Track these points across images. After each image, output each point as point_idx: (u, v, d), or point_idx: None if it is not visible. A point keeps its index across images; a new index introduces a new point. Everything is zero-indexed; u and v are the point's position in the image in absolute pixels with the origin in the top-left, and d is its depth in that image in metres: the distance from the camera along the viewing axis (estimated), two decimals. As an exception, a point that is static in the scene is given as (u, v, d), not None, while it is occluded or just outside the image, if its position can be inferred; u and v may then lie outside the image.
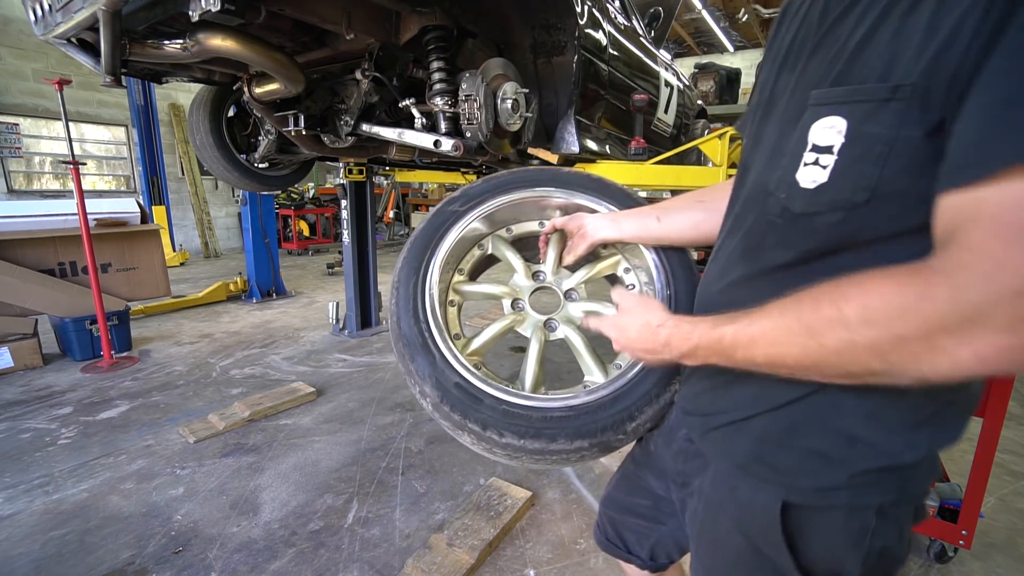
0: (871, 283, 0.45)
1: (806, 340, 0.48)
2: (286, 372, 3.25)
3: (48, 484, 2.03)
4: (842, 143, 0.49)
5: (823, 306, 0.47)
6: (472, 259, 1.12)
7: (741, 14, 9.66)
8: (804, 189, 0.53)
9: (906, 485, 0.56)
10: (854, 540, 0.57)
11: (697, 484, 0.73)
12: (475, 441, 0.88)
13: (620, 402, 0.88)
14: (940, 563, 1.65)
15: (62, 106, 3.06)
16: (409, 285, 0.98)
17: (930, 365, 0.42)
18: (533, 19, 1.98)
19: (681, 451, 0.78)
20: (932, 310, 0.40)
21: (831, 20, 0.54)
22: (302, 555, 1.66)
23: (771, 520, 0.59)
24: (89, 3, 1.28)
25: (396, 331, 0.95)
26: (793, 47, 0.60)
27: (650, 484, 0.88)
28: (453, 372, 0.90)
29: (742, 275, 0.63)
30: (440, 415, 0.89)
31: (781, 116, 0.59)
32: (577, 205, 1.07)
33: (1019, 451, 2.33)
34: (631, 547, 0.92)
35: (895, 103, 0.45)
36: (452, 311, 1.08)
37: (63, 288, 3.27)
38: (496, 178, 1.10)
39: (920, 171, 0.46)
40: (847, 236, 0.52)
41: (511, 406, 0.87)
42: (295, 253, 8.72)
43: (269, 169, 2.76)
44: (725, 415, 0.65)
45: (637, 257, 1.03)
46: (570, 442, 0.85)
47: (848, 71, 0.50)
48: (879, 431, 0.54)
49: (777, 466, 0.59)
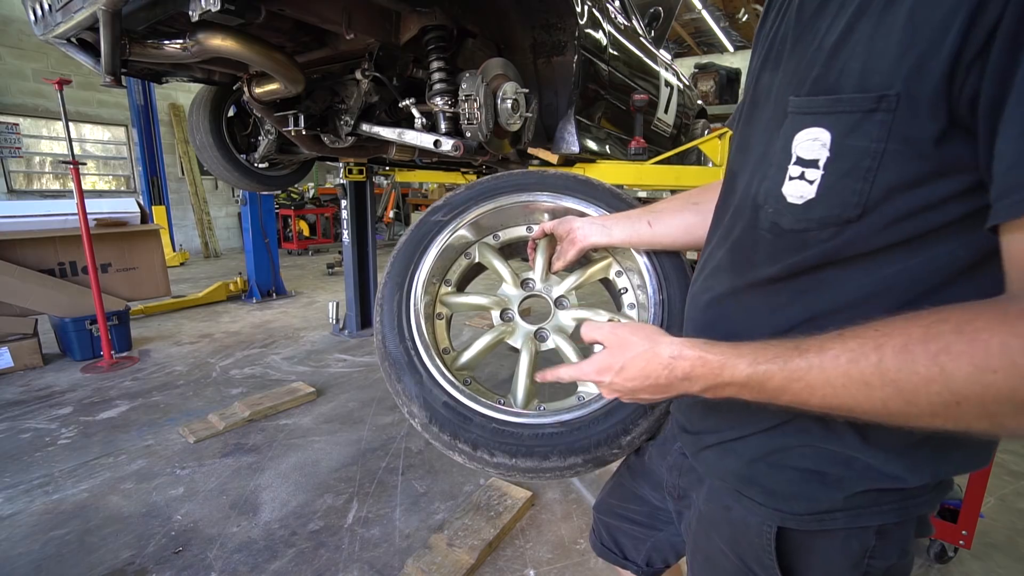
0: (982, 331, 0.37)
1: (889, 396, 0.41)
2: (286, 372, 3.25)
3: (48, 484, 2.03)
4: (827, 157, 0.47)
5: (918, 361, 0.39)
6: (459, 269, 1.09)
7: (741, 14, 9.66)
8: (792, 204, 0.50)
9: (909, 506, 0.53)
10: (853, 563, 0.55)
11: (694, 497, 0.71)
12: (467, 461, 0.86)
13: (614, 415, 0.86)
14: (940, 563, 1.65)
15: (62, 106, 3.06)
16: (393, 302, 0.96)
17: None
18: (533, 19, 1.98)
19: (676, 465, 0.77)
20: None
21: (808, 15, 0.51)
22: (302, 555, 1.66)
23: (764, 544, 0.57)
24: (89, 3, 1.28)
25: (382, 350, 0.93)
26: (775, 43, 0.57)
27: (645, 494, 0.87)
28: (441, 391, 0.88)
29: (729, 288, 0.60)
30: (430, 435, 0.87)
31: (765, 121, 0.56)
32: (565, 208, 1.04)
33: (1019, 451, 2.33)
34: (627, 553, 0.91)
35: (880, 114, 0.43)
36: (440, 324, 1.05)
37: (63, 288, 3.27)
38: (480, 184, 1.07)
39: (914, 183, 0.43)
40: (838, 250, 0.49)
41: (501, 424, 0.85)
42: (295, 253, 8.72)
43: (269, 169, 2.75)
44: (715, 435, 0.63)
45: (629, 260, 1.02)
46: (563, 459, 0.83)
47: (825, 76, 0.47)
48: (876, 453, 0.51)
49: (770, 489, 0.57)
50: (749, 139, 0.60)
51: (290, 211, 8.46)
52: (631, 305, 1.05)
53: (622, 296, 1.07)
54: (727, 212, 0.63)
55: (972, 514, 1.53)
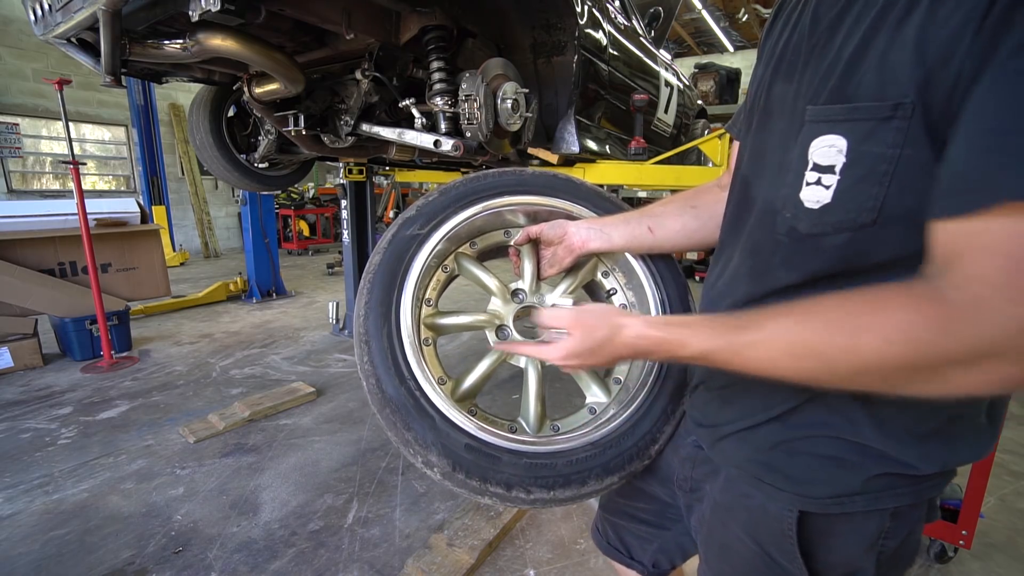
0: (890, 311, 0.44)
1: (814, 365, 0.48)
2: (286, 372, 3.25)
3: (48, 484, 2.03)
4: (843, 163, 0.48)
5: (838, 335, 0.46)
6: (438, 286, 0.97)
7: (741, 14, 9.66)
8: (809, 209, 0.52)
9: (922, 490, 0.56)
10: (869, 543, 0.57)
11: (707, 489, 0.72)
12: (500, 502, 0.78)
13: (641, 427, 0.83)
14: (940, 563, 1.65)
15: (62, 106, 3.06)
16: (382, 337, 0.81)
17: (932, 390, 0.44)
18: (533, 19, 1.98)
19: (689, 457, 0.78)
20: (953, 347, 0.41)
21: (822, 29, 0.53)
22: (302, 555, 1.66)
23: (785, 529, 0.59)
24: (89, 3, 1.28)
25: (379, 397, 0.79)
26: (786, 54, 0.59)
27: (654, 490, 0.87)
28: (460, 432, 0.77)
29: (747, 294, 0.61)
30: (454, 483, 0.77)
31: (782, 130, 0.58)
32: (550, 211, 0.98)
33: (1019, 451, 2.33)
34: (633, 552, 0.91)
35: (896, 121, 0.44)
36: (429, 351, 0.91)
37: (63, 288, 3.27)
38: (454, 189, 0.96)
39: (929, 190, 0.45)
40: (855, 257, 0.51)
41: (532, 457, 0.78)
42: (295, 253, 8.72)
43: (269, 169, 2.75)
44: (733, 424, 0.65)
45: (610, 259, 0.99)
46: (600, 481, 0.79)
47: (843, 87, 0.49)
48: (889, 441, 0.53)
49: (790, 475, 0.58)
50: (764, 147, 0.61)
51: (290, 211, 8.46)
52: (622, 306, 1.02)
53: (611, 297, 1.03)
54: (742, 217, 0.64)
55: (972, 514, 1.53)
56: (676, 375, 0.88)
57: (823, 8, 0.54)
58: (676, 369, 0.88)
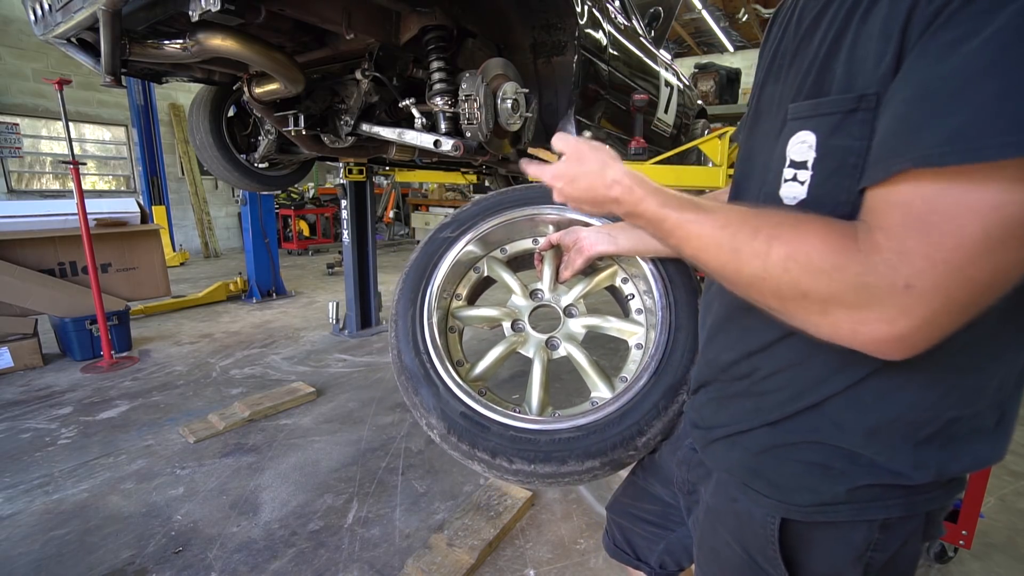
0: (806, 234, 0.45)
1: (729, 259, 0.51)
2: (286, 372, 3.25)
3: (48, 484, 2.03)
4: (814, 158, 0.49)
5: (757, 239, 0.48)
6: (469, 283, 1.13)
7: (741, 14, 9.65)
8: (787, 206, 0.53)
9: (916, 502, 0.54)
10: (856, 555, 0.56)
11: (702, 491, 0.72)
12: (486, 469, 0.88)
13: (629, 417, 0.87)
14: (940, 563, 1.65)
15: (62, 106, 3.06)
16: (407, 317, 0.98)
17: (814, 325, 0.46)
18: (533, 19, 1.98)
19: (685, 460, 0.78)
20: (841, 282, 0.43)
21: (804, 29, 0.54)
22: (302, 555, 1.66)
23: (768, 536, 0.58)
24: (89, 3, 1.28)
25: (398, 364, 0.96)
26: (776, 57, 0.60)
27: (658, 491, 0.88)
28: (458, 401, 0.90)
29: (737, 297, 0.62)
30: (448, 446, 0.89)
31: (767, 130, 0.59)
32: (570, 220, 1.06)
33: (1019, 451, 2.33)
34: (640, 553, 0.92)
35: (861, 113, 0.45)
36: (453, 337, 1.08)
37: (63, 288, 3.27)
38: (485, 200, 1.10)
39: None
40: None
41: (518, 431, 0.87)
42: (295, 253, 8.72)
43: (269, 169, 2.75)
44: (725, 428, 0.65)
45: (634, 266, 1.03)
46: (581, 463, 0.85)
47: (818, 83, 0.50)
48: (881, 449, 0.52)
49: (775, 481, 0.58)
50: (753, 149, 0.62)
51: (290, 211, 8.45)
52: (639, 310, 1.07)
53: (629, 302, 1.08)
54: None
55: (972, 514, 1.53)
56: (672, 373, 0.90)
57: (807, 9, 0.55)
58: (672, 367, 0.91)
